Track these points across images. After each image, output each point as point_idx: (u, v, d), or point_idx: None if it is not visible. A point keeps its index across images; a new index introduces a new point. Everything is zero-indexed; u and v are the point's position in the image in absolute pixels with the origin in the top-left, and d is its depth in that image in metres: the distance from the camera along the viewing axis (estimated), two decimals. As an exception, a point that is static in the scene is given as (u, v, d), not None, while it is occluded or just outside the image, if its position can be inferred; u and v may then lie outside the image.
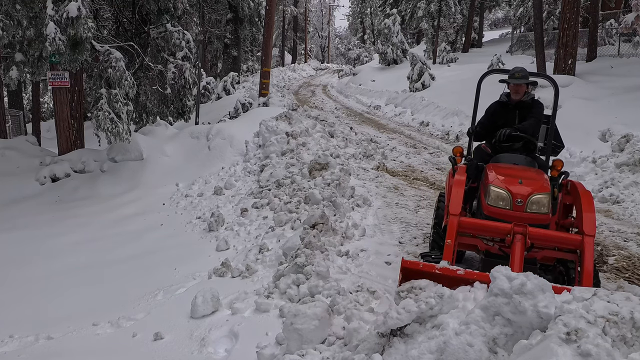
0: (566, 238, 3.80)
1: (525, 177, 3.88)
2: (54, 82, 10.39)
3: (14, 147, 11.30)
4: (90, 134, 11.46)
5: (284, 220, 6.30)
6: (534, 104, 4.66)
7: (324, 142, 10.03)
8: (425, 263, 3.51)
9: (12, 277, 6.15)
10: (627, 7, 17.73)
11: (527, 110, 4.60)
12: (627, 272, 4.87)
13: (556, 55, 14.03)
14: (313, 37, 67.23)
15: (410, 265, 3.43)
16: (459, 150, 4.91)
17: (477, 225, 3.86)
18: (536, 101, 4.70)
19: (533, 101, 4.67)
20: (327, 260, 4.80)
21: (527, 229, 3.60)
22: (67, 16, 8.82)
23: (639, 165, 7.46)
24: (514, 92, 4.60)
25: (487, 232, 3.80)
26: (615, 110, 9.93)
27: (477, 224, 3.87)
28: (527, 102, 4.63)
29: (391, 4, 34.18)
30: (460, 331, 2.55)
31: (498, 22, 57.39)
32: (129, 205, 8.67)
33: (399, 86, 20.64)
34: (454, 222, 3.73)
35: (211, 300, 4.21)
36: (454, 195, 3.87)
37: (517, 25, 29.67)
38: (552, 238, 3.75)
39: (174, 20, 12.44)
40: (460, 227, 3.80)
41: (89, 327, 4.45)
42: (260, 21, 26.92)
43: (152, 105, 13.21)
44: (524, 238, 3.54)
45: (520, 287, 2.50)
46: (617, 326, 2.26)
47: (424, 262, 3.56)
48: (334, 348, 3.30)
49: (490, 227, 3.76)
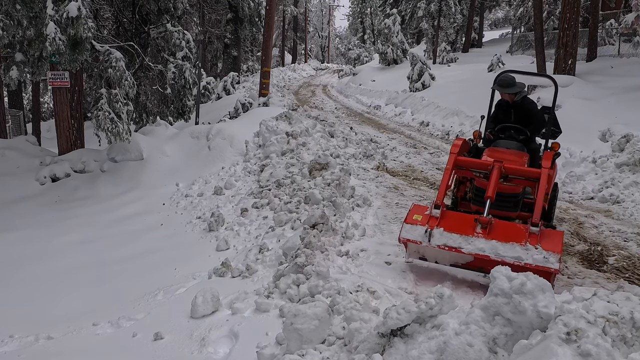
0: (529, 170, 4.97)
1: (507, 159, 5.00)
2: (54, 82, 10.39)
3: (14, 147, 11.30)
4: (90, 134, 11.47)
5: (284, 220, 6.30)
6: (525, 102, 5.65)
7: (324, 142, 10.03)
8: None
9: (12, 277, 6.16)
10: (627, 7, 17.73)
11: (520, 109, 5.61)
12: (627, 272, 4.87)
13: (556, 55, 14.02)
14: (313, 37, 67.25)
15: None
16: (476, 133, 5.91)
17: (468, 161, 5.14)
18: (526, 99, 5.69)
19: (523, 100, 5.63)
20: (327, 260, 4.80)
21: (503, 163, 4.80)
22: (67, 16, 8.82)
23: (639, 165, 7.46)
24: (505, 97, 5.63)
25: (476, 166, 5.05)
26: (615, 110, 9.92)
27: (469, 161, 5.15)
28: (518, 102, 5.61)
29: (391, 4, 34.19)
30: (460, 331, 2.55)
31: (498, 22, 57.38)
32: (129, 205, 8.67)
33: (399, 86, 20.63)
34: (452, 158, 5.05)
35: (211, 300, 4.21)
36: (454, 145, 5.21)
37: (517, 25, 29.68)
38: (519, 171, 4.91)
39: (174, 20, 12.44)
40: (457, 163, 5.05)
41: (89, 327, 4.45)
42: (260, 21, 26.92)
43: (152, 105, 13.22)
44: (500, 168, 4.76)
45: (520, 287, 2.50)
46: (617, 326, 2.26)
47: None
48: (334, 348, 3.30)
49: (478, 162, 5.04)
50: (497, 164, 4.76)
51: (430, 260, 4.71)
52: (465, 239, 4.37)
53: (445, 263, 4.63)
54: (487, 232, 4.37)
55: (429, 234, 4.46)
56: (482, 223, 4.42)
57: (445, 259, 4.59)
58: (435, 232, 4.46)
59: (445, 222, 4.55)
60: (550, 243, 4.24)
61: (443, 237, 4.43)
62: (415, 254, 4.75)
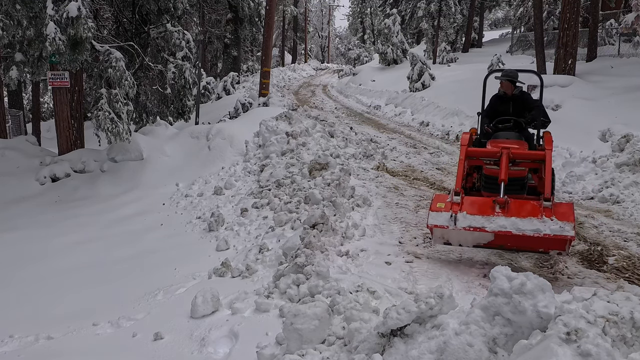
0: (534, 153, 5.46)
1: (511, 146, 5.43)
2: (54, 82, 10.40)
3: (14, 147, 11.29)
4: (90, 134, 11.47)
5: (284, 220, 6.30)
6: (524, 95, 6.13)
7: (324, 142, 10.03)
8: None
9: (12, 277, 6.15)
10: (627, 7, 17.73)
11: (519, 101, 6.01)
12: (627, 272, 4.87)
13: (556, 55, 14.02)
14: (313, 37, 67.23)
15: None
16: (474, 130, 6.29)
17: (478, 151, 5.59)
18: (524, 92, 6.17)
19: (521, 93, 6.07)
20: (327, 260, 4.81)
21: (510, 149, 5.20)
22: (67, 16, 8.82)
23: (639, 165, 7.45)
24: (505, 88, 5.99)
25: (485, 155, 5.47)
26: (615, 110, 9.92)
27: (479, 150, 5.60)
28: (517, 94, 6.02)
29: (391, 4, 34.16)
30: (460, 331, 2.55)
31: (498, 22, 57.33)
32: (129, 205, 8.67)
33: (399, 86, 20.62)
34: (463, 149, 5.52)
35: (211, 300, 4.21)
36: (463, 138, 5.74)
37: (517, 25, 29.67)
38: (525, 154, 5.36)
39: (174, 20, 12.44)
40: (468, 153, 5.51)
41: (89, 327, 4.45)
42: (260, 21, 26.91)
43: (152, 105, 13.22)
44: (508, 153, 5.19)
45: (520, 287, 2.50)
46: (617, 326, 2.26)
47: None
48: (334, 348, 3.30)
49: (487, 151, 5.45)
50: (505, 150, 5.22)
51: (454, 244, 5.07)
52: (487, 219, 4.75)
53: (469, 244, 5.00)
54: (505, 211, 4.77)
55: (454, 218, 4.84)
56: (500, 203, 4.83)
57: (468, 240, 4.96)
58: (459, 216, 4.85)
59: (467, 207, 4.97)
60: (563, 214, 4.66)
61: (467, 220, 4.82)
62: (440, 240, 5.08)
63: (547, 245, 4.72)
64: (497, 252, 5.36)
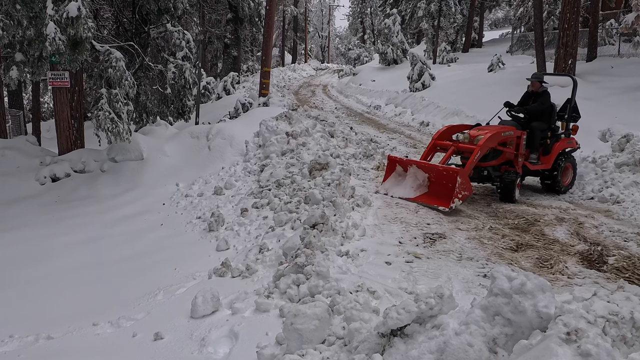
0: (470, 147, 7.22)
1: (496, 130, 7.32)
2: (54, 82, 10.39)
3: (14, 147, 11.29)
4: (90, 134, 11.46)
5: (284, 220, 6.30)
6: (543, 94, 7.84)
7: (324, 142, 10.02)
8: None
9: (12, 277, 6.15)
10: (627, 7, 17.74)
11: (538, 97, 7.83)
12: (627, 272, 4.87)
13: (556, 55, 14.03)
14: (313, 37, 67.25)
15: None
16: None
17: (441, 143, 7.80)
18: (544, 91, 7.84)
19: (542, 92, 7.82)
20: (327, 260, 4.80)
21: (457, 144, 7.31)
22: (67, 16, 8.82)
23: (639, 165, 7.45)
24: (531, 86, 7.95)
25: (443, 146, 7.73)
26: (615, 110, 9.93)
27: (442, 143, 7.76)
28: (539, 92, 7.85)
29: (391, 4, 34.17)
30: (460, 331, 2.55)
31: (498, 22, 57.38)
32: (129, 205, 8.67)
33: (399, 86, 20.63)
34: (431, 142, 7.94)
35: (211, 300, 4.20)
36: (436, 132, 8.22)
37: (517, 25, 29.70)
38: (465, 147, 7.31)
39: (174, 20, 12.44)
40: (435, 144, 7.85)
41: (89, 327, 4.44)
42: (260, 21, 26.95)
43: (152, 105, 13.21)
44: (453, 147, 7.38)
45: (520, 287, 2.50)
46: (617, 326, 2.26)
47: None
48: (334, 348, 3.30)
49: (444, 144, 7.65)
50: (454, 144, 7.34)
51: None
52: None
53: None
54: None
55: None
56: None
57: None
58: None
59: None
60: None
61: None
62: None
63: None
64: (497, 252, 5.37)
